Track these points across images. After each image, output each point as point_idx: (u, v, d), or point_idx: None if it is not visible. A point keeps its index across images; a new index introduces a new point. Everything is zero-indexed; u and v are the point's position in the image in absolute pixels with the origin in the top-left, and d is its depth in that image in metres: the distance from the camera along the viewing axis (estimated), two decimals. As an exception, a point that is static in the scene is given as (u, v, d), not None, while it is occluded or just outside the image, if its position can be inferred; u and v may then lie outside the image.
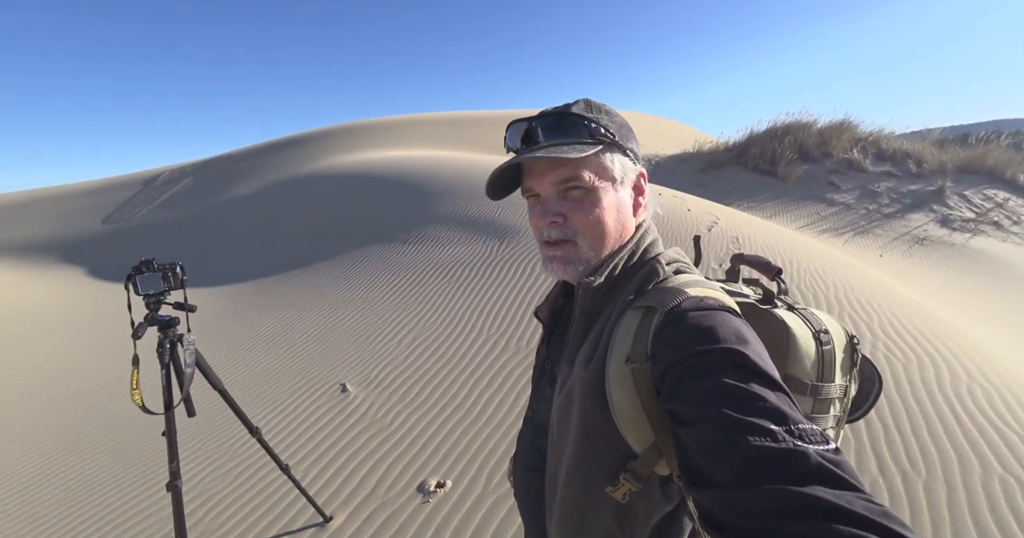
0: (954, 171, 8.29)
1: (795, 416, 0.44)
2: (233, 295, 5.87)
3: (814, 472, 0.39)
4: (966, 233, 7.16)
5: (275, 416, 2.87)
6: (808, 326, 0.64)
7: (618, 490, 0.58)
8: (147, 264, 1.44)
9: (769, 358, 0.51)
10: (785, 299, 0.71)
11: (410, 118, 18.21)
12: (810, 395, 0.62)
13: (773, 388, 0.47)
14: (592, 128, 0.63)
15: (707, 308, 0.55)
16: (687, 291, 0.57)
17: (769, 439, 0.42)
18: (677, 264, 0.66)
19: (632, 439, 0.56)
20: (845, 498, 0.37)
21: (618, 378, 0.56)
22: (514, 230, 5.16)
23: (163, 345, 1.48)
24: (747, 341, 0.51)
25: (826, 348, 0.63)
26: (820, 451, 0.41)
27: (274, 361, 3.74)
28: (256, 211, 10.09)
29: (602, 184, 0.64)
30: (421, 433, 2.52)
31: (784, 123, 9.35)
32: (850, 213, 7.70)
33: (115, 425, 3.20)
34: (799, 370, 0.62)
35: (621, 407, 0.55)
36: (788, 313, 0.66)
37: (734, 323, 0.53)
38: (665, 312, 0.55)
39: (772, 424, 0.43)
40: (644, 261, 0.66)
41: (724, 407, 0.45)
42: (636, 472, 0.57)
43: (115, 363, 4.42)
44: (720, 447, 0.44)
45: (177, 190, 15.57)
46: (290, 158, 14.63)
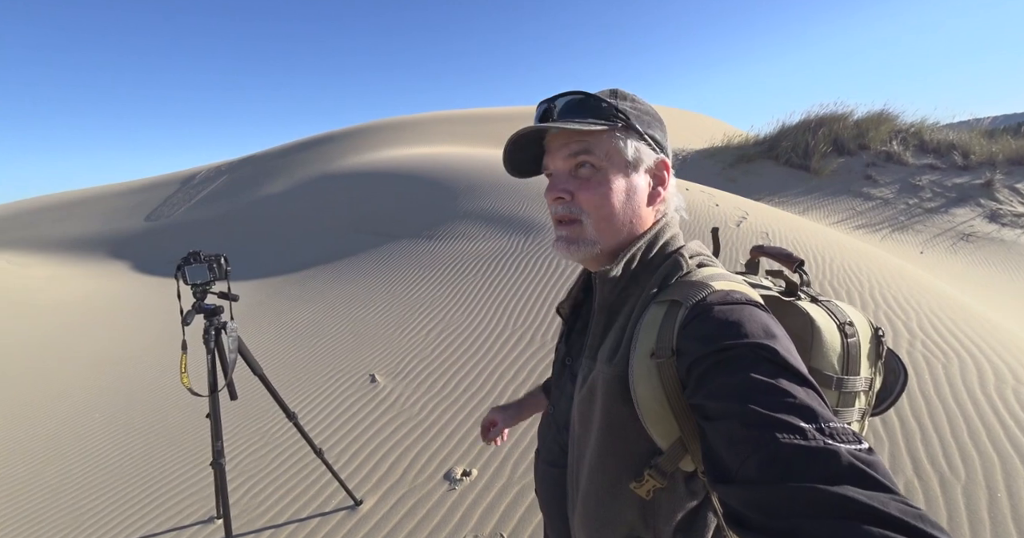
0: (1005, 163, 7.82)
1: (826, 414, 0.43)
2: (266, 288, 6.10)
3: (846, 472, 0.38)
4: (1018, 228, 6.77)
5: (308, 403, 2.98)
6: (833, 318, 0.63)
7: (642, 486, 0.58)
8: (194, 255, 1.53)
9: (797, 353, 0.51)
10: (808, 291, 0.69)
11: (436, 115, 18.39)
12: (835, 388, 0.61)
13: (803, 384, 0.46)
14: (605, 108, 0.62)
15: (734, 302, 0.54)
16: (712, 285, 0.56)
17: (799, 436, 0.41)
18: (700, 257, 0.65)
19: (657, 435, 0.56)
20: (879, 499, 0.36)
21: (643, 373, 0.55)
22: (539, 225, 5.18)
23: (208, 332, 1.57)
24: (775, 336, 0.50)
25: (851, 340, 0.61)
26: (852, 450, 0.40)
27: (306, 352, 3.88)
28: (287, 208, 10.42)
29: (613, 164, 0.63)
30: (448, 423, 2.58)
31: (818, 115, 8.99)
32: (888, 208, 7.38)
33: (161, 407, 3.39)
34: (823, 363, 0.61)
35: (646, 403, 0.55)
36: (812, 305, 0.65)
37: (761, 317, 0.53)
38: (691, 306, 0.55)
39: (802, 421, 0.42)
40: (666, 254, 0.65)
41: (752, 403, 0.44)
42: (661, 468, 0.57)
43: (160, 350, 4.67)
44: (747, 443, 0.43)
45: (213, 188, 16.20)
46: (319, 156, 15.02)
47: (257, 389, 3.07)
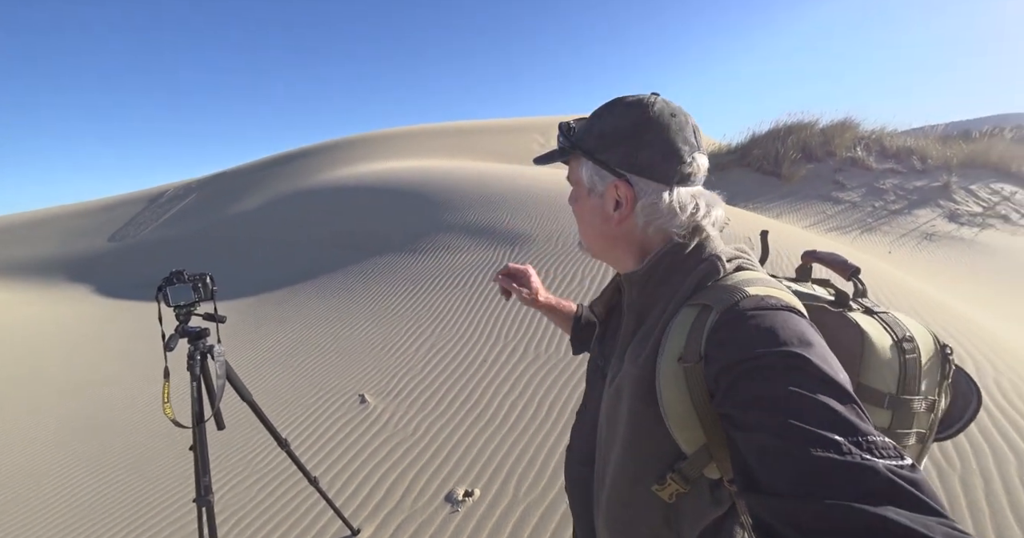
0: (959, 166, 8.27)
1: (864, 427, 0.41)
2: (243, 309, 5.88)
3: (885, 489, 0.36)
4: (975, 227, 7.13)
5: (295, 429, 2.84)
6: (889, 332, 0.59)
7: (665, 490, 0.56)
8: (178, 275, 1.43)
9: (836, 363, 0.48)
10: (863, 302, 0.65)
11: (413, 129, 18.36)
12: (888, 407, 0.57)
13: (839, 396, 0.43)
14: (560, 140, 0.68)
15: (768, 307, 0.51)
16: (747, 289, 0.54)
17: (833, 450, 0.39)
18: (739, 260, 0.62)
19: (682, 440, 0.54)
20: (921, 522, 0.34)
21: (669, 377, 0.54)
22: (525, 236, 5.16)
23: (193, 357, 1.47)
24: (811, 344, 0.47)
25: (909, 357, 0.57)
26: (892, 466, 0.38)
27: (289, 374, 3.72)
28: (263, 225, 10.14)
29: (579, 189, 0.68)
30: (445, 442, 2.49)
31: (786, 124, 9.36)
32: (856, 211, 7.68)
33: (134, 439, 3.18)
34: (876, 380, 0.57)
35: (671, 407, 0.54)
36: (865, 317, 0.61)
37: (797, 324, 0.50)
38: (722, 311, 0.52)
39: (837, 435, 0.40)
40: (701, 257, 0.61)
41: (784, 414, 0.42)
42: (684, 473, 0.55)
43: (129, 378, 4.41)
44: (779, 456, 0.41)
45: (183, 206, 15.69)
46: (295, 171, 14.75)
47: (239, 417, 2.92)
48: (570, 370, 2.92)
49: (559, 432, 2.42)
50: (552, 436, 2.40)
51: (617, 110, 0.63)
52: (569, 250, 4.53)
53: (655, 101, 0.62)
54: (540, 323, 3.50)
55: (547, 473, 2.17)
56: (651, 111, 0.61)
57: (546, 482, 2.12)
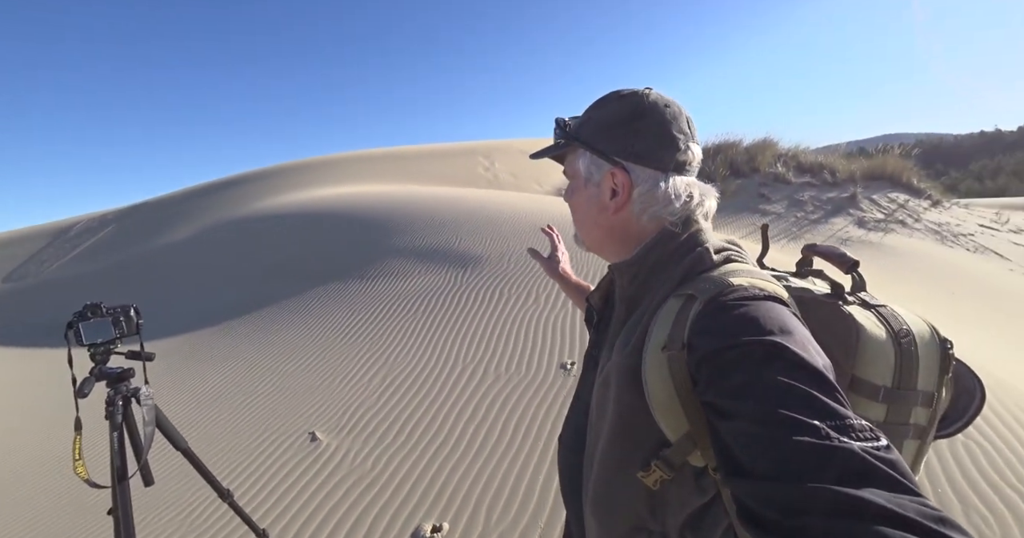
0: (862, 179, 9.25)
1: (842, 411, 0.42)
2: (174, 348, 5.34)
3: (862, 471, 0.37)
4: (880, 232, 7.94)
5: (239, 477, 2.56)
6: (884, 325, 0.59)
7: (649, 476, 0.57)
8: (93, 308, 1.26)
9: (818, 350, 0.49)
10: (861, 295, 0.65)
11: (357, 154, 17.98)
12: (883, 401, 0.57)
13: (818, 382, 0.44)
14: (556, 132, 0.70)
15: (751, 298, 0.52)
16: (731, 280, 0.55)
17: (812, 435, 0.40)
18: (728, 252, 0.63)
19: (666, 427, 0.55)
20: (896, 501, 0.35)
21: (654, 365, 0.54)
22: (476, 257, 5.11)
23: (114, 403, 1.28)
24: (791, 332, 0.48)
25: (905, 350, 0.57)
26: (868, 448, 0.39)
27: (229, 417, 3.38)
28: (193, 257, 9.40)
29: (576, 181, 0.70)
30: (407, 476, 2.33)
31: (715, 143, 10.14)
32: (782, 221, 8.34)
33: (32, 509, 2.73)
34: (870, 372, 0.57)
35: (656, 395, 0.54)
36: (860, 309, 0.61)
37: (779, 313, 0.51)
38: (706, 300, 0.53)
39: (815, 419, 0.41)
40: (690, 249, 0.62)
41: (763, 401, 0.43)
42: (668, 460, 0.56)
43: (31, 435, 3.82)
44: (759, 442, 0.42)
45: (97, 240, 14.28)
46: (230, 200, 13.90)
47: (172, 469, 2.60)
48: (532, 389, 2.87)
49: (526, 454, 2.35)
50: (520, 459, 2.32)
51: (613, 101, 0.66)
52: (521, 269, 4.52)
53: (649, 93, 0.65)
54: (499, 343, 3.44)
55: (517, 498, 2.08)
56: (646, 101, 0.64)
57: (517, 508, 2.03)
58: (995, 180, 30.28)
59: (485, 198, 7.71)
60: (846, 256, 0.68)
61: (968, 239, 8.13)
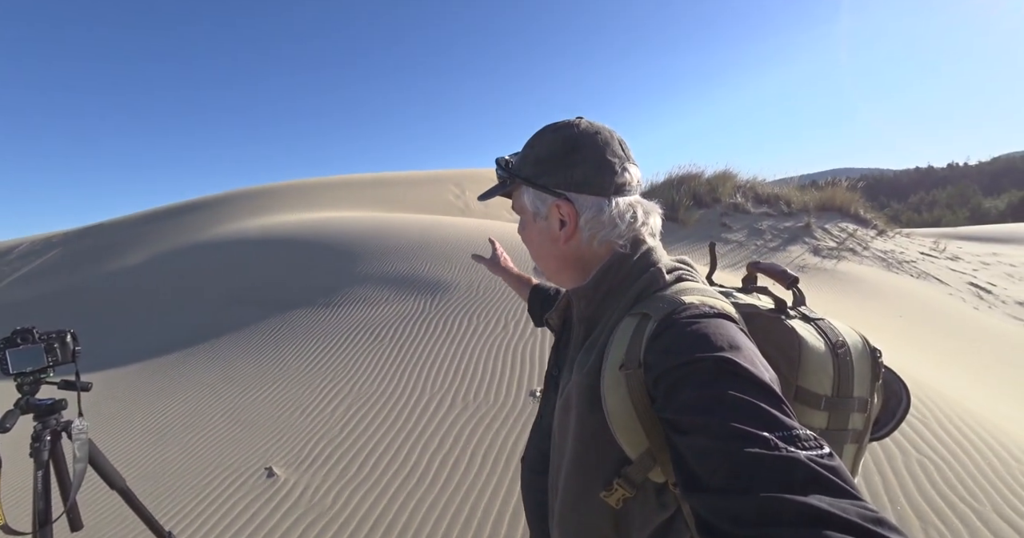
0: (815, 209, 9.83)
1: (789, 422, 0.44)
2: (118, 381, 4.98)
3: (808, 478, 0.39)
4: (833, 259, 8.38)
5: (184, 517, 2.35)
6: (823, 337, 0.63)
7: (612, 495, 0.58)
8: (24, 335, 1.17)
9: (765, 365, 0.51)
10: (801, 309, 0.69)
11: (325, 180, 17.81)
12: (824, 409, 0.60)
13: (766, 395, 0.46)
14: (500, 173, 0.72)
15: (702, 315, 0.55)
16: (683, 298, 0.57)
17: (762, 446, 0.42)
18: (679, 272, 0.66)
19: (626, 444, 0.56)
20: (839, 505, 0.37)
21: (612, 384, 0.56)
22: (445, 285, 5.07)
23: (41, 438, 1.18)
24: (740, 348, 0.51)
25: (842, 360, 0.61)
26: (813, 456, 0.41)
27: (177, 453, 3.14)
28: (147, 283, 8.94)
29: (525, 215, 0.72)
30: (369, 511, 2.21)
31: (678, 174, 10.62)
32: (743, 249, 8.69)
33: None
34: (812, 382, 0.61)
35: (615, 412, 0.55)
36: (801, 323, 0.65)
37: (728, 330, 0.53)
38: (659, 319, 0.55)
39: (764, 431, 0.43)
40: (643, 269, 0.65)
41: (717, 415, 0.45)
42: (629, 478, 0.57)
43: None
44: (714, 455, 0.44)
45: (40, 264, 13.41)
46: (186, 225, 13.40)
47: (105, 512, 2.38)
48: (501, 417, 2.81)
49: (494, 485, 2.27)
50: (488, 490, 2.24)
51: (547, 136, 0.68)
52: (489, 297, 4.51)
53: (580, 122, 0.68)
54: (467, 371, 3.37)
55: (486, 531, 2.00)
56: (577, 131, 0.66)
57: (486, 542, 1.94)
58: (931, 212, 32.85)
59: (455, 225, 7.73)
60: (787, 273, 0.72)
61: (911, 266, 8.68)
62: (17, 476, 1.20)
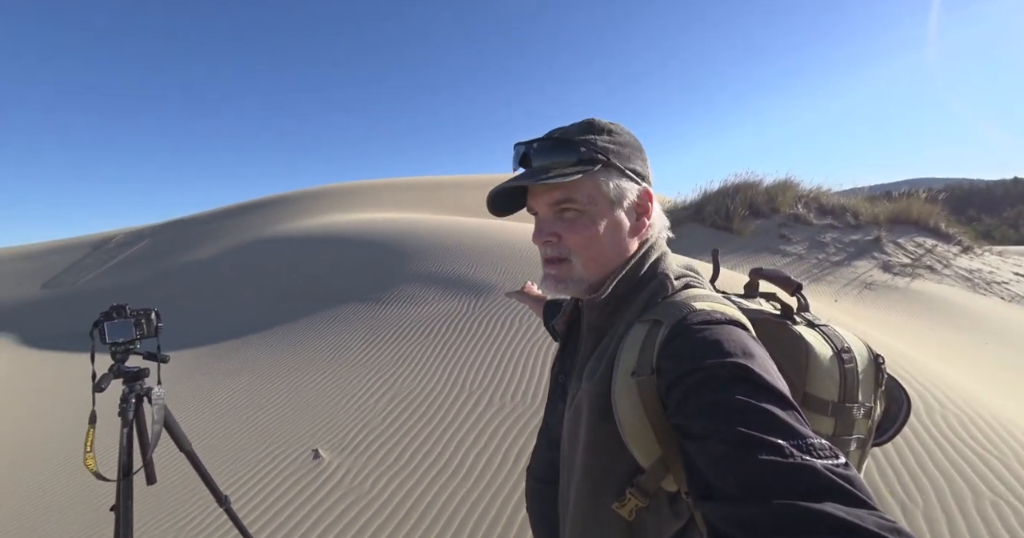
0: (886, 222, 9.09)
1: (803, 431, 0.44)
2: (191, 360, 5.47)
3: (824, 487, 0.39)
4: (906, 277, 7.71)
5: (239, 487, 2.56)
6: (829, 343, 0.63)
7: (624, 506, 0.56)
8: (119, 309, 1.34)
9: (777, 372, 0.51)
10: (806, 315, 0.69)
11: (378, 183, 18.62)
12: (831, 415, 0.61)
13: (780, 403, 0.46)
14: (582, 151, 0.62)
15: (713, 322, 0.55)
16: (694, 305, 0.57)
17: (777, 454, 0.41)
18: (687, 278, 0.66)
19: (638, 453, 0.55)
20: (856, 514, 0.36)
21: (623, 391, 0.55)
22: (490, 286, 5.16)
23: (127, 400, 1.34)
24: (753, 355, 0.50)
25: (848, 367, 0.61)
26: (829, 466, 0.40)
27: (237, 428, 3.42)
28: (219, 274, 9.73)
29: (596, 206, 0.63)
30: (404, 499, 2.30)
31: (734, 183, 10.14)
32: (803, 262, 8.20)
33: (43, 506, 2.77)
34: (819, 388, 0.61)
35: (627, 420, 0.55)
36: (808, 329, 0.65)
37: (740, 337, 0.53)
38: (671, 325, 0.55)
39: (779, 439, 0.42)
40: (652, 276, 0.65)
41: (731, 422, 0.45)
42: (642, 487, 0.56)
43: (45, 438, 3.91)
44: (727, 462, 0.43)
45: (131, 254, 14.92)
46: (256, 221, 14.46)
47: (174, 475, 2.64)
48: (536, 420, 2.83)
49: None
50: (518, 490, 2.27)
51: (617, 127, 0.66)
52: (535, 297, 4.55)
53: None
54: (507, 372, 3.43)
55: (514, 529, 2.03)
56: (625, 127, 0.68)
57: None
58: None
59: (504, 229, 7.85)
60: (791, 279, 0.72)
61: (1003, 287, 7.83)
62: (107, 432, 1.37)
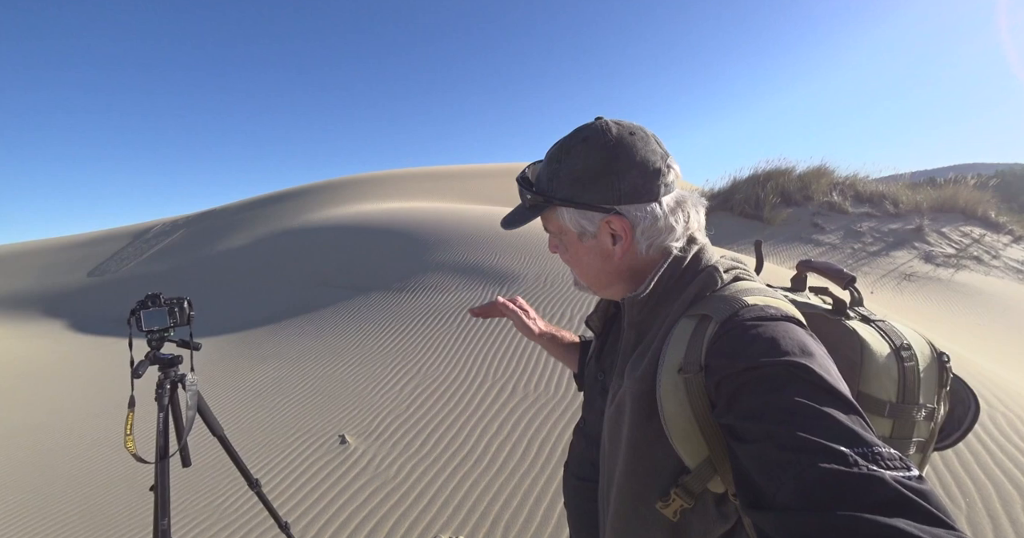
0: (929, 210, 8.62)
1: (869, 438, 0.40)
2: (223, 346, 5.68)
3: (893, 501, 0.35)
4: (950, 268, 7.32)
5: (270, 469, 2.66)
6: (887, 340, 0.59)
7: (669, 507, 0.54)
8: (153, 298, 1.38)
9: (837, 372, 0.47)
10: (860, 310, 0.65)
11: (405, 172, 18.77)
12: (888, 416, 0.57)
13: (843, 406, 0.43)
14: (531, 196, 0.64)
15: (768, 318, 0.51)
16: (746, 299, 0.54)
17: (839, 462, 0.38)
18: (736, 271, 0.62)
19: (684, 453, 0.53)
20: (932, 533, 0.33)
21: (670, 388, 0.53)
22: (514, 275, 5.16)
23: (163, 386, 1.39)
24: (812, 354, 0.47)
25: (908, 365, 0.57)
26: (899, 478, 0.37)
27: (266, 413, 3.54)
28: (249, 262, 10.04)
29: (568, 237, 0.65)
30: (428, 485, 2.34)
31: (764, 170, 9.73)
32: (837, 252, 7.88)
33: (87, 484, 2.94)
34: (875, 388, 0.57)
35: (672, 419, 0.52)
36: (863, 325, 0.61)
37: (798, 334, 0.50)
38: (723, 321, 0.52)
39: (842, 446, 0.39)
40: (698, 269, 0.61)
41: (787, 425, 0.42)
42: (688, 488, 0.54)
43: (91, 419, 4.14)
44: (784, 468, 0.40)
45: (168, 242, 15.54)
46: (285, 211, 14.82)
47: (207, 458, 2.75)
48: (560, 409, 2.82)
49: (548, 475, 2.30)
50: (541, 480, 2.28)
51: (578, 149, 0.60)
52: (558, 289, 4.52)
53: (608, 126, 0.60)
54: (530, 361, 3.42)
55: (536, 519, 2.04)
56: (610, 136, 0.59)
57: (535, 529, 1.98)
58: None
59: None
60: (843, 272, 0.67)
61: (1056, 280, 7.37)
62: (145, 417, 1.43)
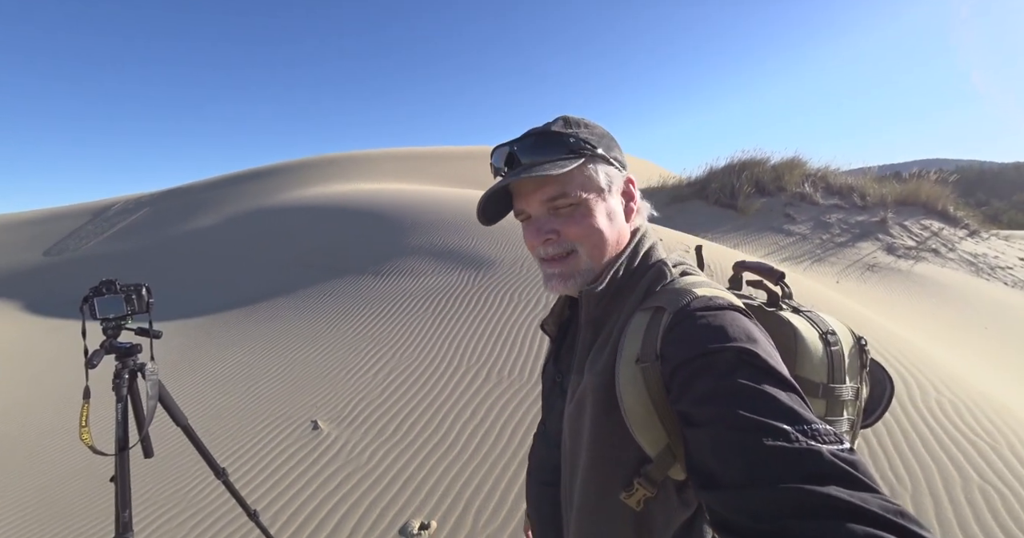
0: (893, 204, 8.95)
1: (808, 416, 0.43)
2: (190, 330, 5.51)
3: (829, 472, 0.39)
4: (910, 260, 7.65)
5: (240, 457, 2.62)
6: (815, 327, 0.65)
7: (632, 496, 0.56)
8: (108, 285, 1.31)
9: (779, 357, 0.51)
10: (790, 302, 0.71)
11: (380, 152, 18.30)
12: (822, 396, 0.62)
13: (785, 387, 0.46)
14: (571, 142, 0.63)
15: (716, 307, 0.54)
16: (696, 291, 0.57)
17: (782, 439, 0.41)
18: (683, 266, 0.67)
19: (645, 442, 0.55)
20: (861, 497, 0.36)
21: (628, 379, 0.55)
22: (490, 261, 5.14)
23: (121, 376, 1.33)
24: (757, 340, 0.51)
25: (834, 349, 0.63)
26: (834, 451, 0.40)
27: (237, 399, 3.47)
28: (218, 243, 9.70)
29: (590, 195, 0.64)
30: (400, 471, 2.35)
31: (740, 160, 9.92)
32: (806, 243, 8.12)
33: (45, 473, 2.84)
34: (809, 371, 0.62)
35: (632, 409, 0.54)
36: (794, 315, 0.67)
37: (744, 322, 0.53)
38: (675, 311, 0.55)
39: (785, 424, 0.42)
40: (649, 264, 0.66)
41: (736, 407, 0.44)
42: (650, 477, 0.55)
43: (48, 406, 3.99)
44: (732, 447, 0.43)
45: (131, 221, 14.85)
46: (256, 190, 14.31)
47: (173, 446, 2.69)
48: (532, 395, 2.86)
49: (520, 459, 2.34)
50: (513, 464, 2.32)
51: (587, 120, 0.68)
52: (534, 275, 4.53)
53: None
54: (504, 347, 3.44)
55: (507, 503, 2.08)
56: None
57: (506, 513, 2.02)
58: (1042, 213, 29.03)
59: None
60: (774, 269, 0.74)
61: (1007, 273, 7.78)
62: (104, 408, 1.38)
